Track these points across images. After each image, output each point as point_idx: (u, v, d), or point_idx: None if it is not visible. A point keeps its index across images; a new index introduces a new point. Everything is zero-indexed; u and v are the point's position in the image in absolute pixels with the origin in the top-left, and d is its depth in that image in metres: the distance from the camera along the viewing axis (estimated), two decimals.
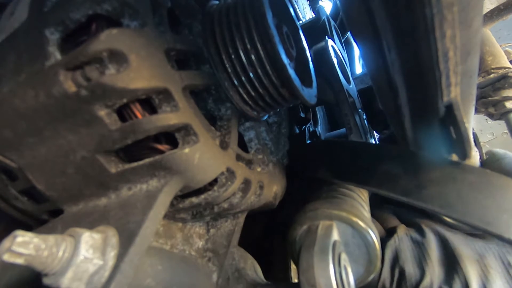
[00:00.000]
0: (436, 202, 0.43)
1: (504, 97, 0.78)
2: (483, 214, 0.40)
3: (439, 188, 0.43)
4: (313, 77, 0.53)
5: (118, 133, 0.30)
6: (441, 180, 0.44)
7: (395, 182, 0.46)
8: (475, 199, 0.41)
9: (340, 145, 0.59)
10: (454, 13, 0.24)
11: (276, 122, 0.59)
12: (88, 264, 0.25)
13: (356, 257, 0.46)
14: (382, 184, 0.48)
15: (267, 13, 0.38)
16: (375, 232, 0.45)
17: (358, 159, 0.53)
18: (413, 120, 0.43)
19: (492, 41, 0.81)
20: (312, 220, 0.45)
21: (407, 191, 0.45)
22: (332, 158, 0.57)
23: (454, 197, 0.42)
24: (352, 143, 0.57)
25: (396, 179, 0.46)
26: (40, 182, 0.36)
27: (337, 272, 0.36)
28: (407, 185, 0.45)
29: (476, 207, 0.41)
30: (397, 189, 0.46)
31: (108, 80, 0.27)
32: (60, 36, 0.29)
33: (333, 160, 0.57)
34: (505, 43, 0.88)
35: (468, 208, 0.41)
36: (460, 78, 0.31)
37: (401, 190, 0.45)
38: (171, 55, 0.33)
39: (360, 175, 0.51)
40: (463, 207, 0.41)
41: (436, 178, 0.44)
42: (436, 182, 0.44)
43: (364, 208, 0.52)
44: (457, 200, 0.42)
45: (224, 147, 0.39)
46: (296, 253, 0.47)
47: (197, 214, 0.42)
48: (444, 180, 0.44)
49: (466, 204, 0.41)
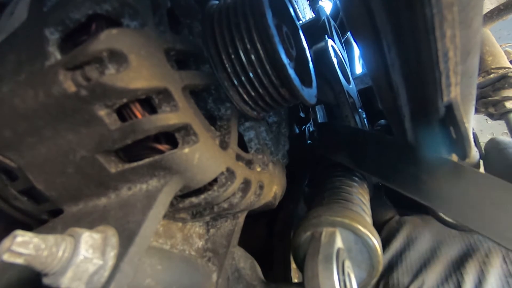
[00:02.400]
0: (458, 212, 0.45)
1: (504, 97, 0.78)
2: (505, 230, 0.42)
3: (462, 199, 0.45)
4: (313, 77, 0.53)
5: (118, 133, 0.30)
6: (465, 192, 0.45)
7: (419, 186, 0.48)
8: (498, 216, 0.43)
9: (367, 136, 0.60)
10: (454, 13, 0.24)
11: (276, 122, 0.59)
12: (88, 264, 0.25)
13: (359, 263, 0.46)
14: (406, 186, 0.50)
15: (267, 13, 0.38)
16: (376, 237, 0.46)
17: (385, 155, 0.54)
18: (413, 120, 0.43)
19: (492, 41, 0.81)
20: (316, 227, 0.46)
21: (431, 197, 0.47)
22: (356, 146, 0.59)
23: (474, 212, 0.44)
24: (379, 136, 0.58)
25: (421, 183, 0.48)
26: (40, 182, 0.36)
27: (341, 280, 0.37)
28: (431, 191, 0.47)
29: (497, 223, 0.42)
30: (421, 193, 0.48)
31: (108, 80, 0.27)
32: (60, 36, 0.29)
33: (357, 148, 0.59)
34: (505, 43, 0.88)
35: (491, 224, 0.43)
36: (460, 78, 0.31)
37: (424, 195, 0.48)
38: (171, 55, 0.33)
39: (384, 171, 0.53)
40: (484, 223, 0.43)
41: (461, 190, 0.46)
42: (460, 193, 0.45)
43: (366, 212, 0.52)
44: (478, 215, 0.44)
45: (224, 147, 0.39)
46: (300, 259, 0.48)
47: (197, 214, 0.42)
48: (469, 193, 0.45)
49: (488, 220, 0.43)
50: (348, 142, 0.61)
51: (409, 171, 0.50)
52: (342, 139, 0.63)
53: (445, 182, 0.47)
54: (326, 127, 0.72)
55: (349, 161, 0.58)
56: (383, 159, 0.54)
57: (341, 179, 0.61)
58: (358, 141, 0.60)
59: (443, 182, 0.47)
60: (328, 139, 0.66)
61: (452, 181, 0.46)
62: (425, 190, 0.48)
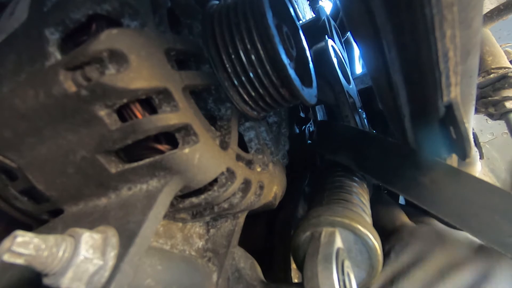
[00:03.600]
0: (459, 218, 0.45)
1: (504, 97, 0.78)
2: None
3: (464, 205, 0.45)
4: (313, 77, 0.53)
5: (118, 133, 0.30)
6: (467, 197, 0.46)
7: (421, 191, 0.48)
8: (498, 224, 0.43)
9: (370, 138, 0.60)
10: (454, 13, 0.24)
11: (276, 122, 0.59)
12: (88, 264, 0.25)
13: (359, 263, 0.46)
14: (408, 190, 0.50)
15: (267, 13, 0.38)
16: (376, 237, 0.46)
17: (388, 159, 0.54)
18: (413, 120, 0.43)
19: (492, 41, 0.81)
20: (315, 227, 0.46)
21: (432, 201, 0.47)
22: (358, 148, 0.59)
23: (473, 217, 0.44)
24: (381, 139, 0.58)
25: (423, 188, 0.48)
26: (40, 182, 0.36)
27: (341, 280, 0.37)
28: (431, 196, 0.47)
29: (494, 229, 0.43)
30: (421, 197, 0.48)
31: (108, 80, 0.27)
32: (60, 36, 0.29)
33: (359, 150, 0.58)
34: (505, 43, 0.88)
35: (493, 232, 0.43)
36: (460, 78, 0.31)
37: (425, 199, 0.48)
38: (171, 55, 0.33)
39: (386, 175, 0.53)
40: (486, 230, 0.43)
41: (462, 194, 0.46)
42: (462, 198, 0.46)
43: (365, 212, 0.52)
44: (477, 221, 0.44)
45: (224, 147, 0.39)
46: (300, 259, 0.48)
47: (197, 214, 0.42)
48: (472, 199, 0.45)
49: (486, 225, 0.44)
50: (350, 143, 0.61)
51: (411, 175, 0.50)
52: (344, 139, 0.62)
53: (446, 188, 0.47)
54: (326, 126, 0.72)
55: (350, 162, 0.58)
56: (385, 162, 0.54)
57: (341, 179, 0.61)
58: (360, 142, 0.60)
59: (444, 187, 0.47)
60: (329, 139, 0.65)
61: (453, 187, 0.47)
62: (426, 194, 0.48)
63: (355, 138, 0.61)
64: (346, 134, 0.64)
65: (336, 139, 0.64)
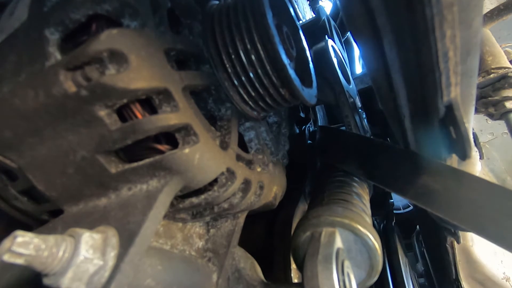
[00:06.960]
0: (472, 222, 0.45)
1: (504, 97, 0.78)
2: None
3: (481, 211, 0.45)
4: (313, 77, 0.53)
5: (118, 133, 0.30)
6: (479, 201, 0.45)
7: (433, 197, 0.48)
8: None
9: (377, 146, 0.59)
10: (454, 13, 0.24)
11: (276, 122, 0.59)
12: (88, 265, 0.25)
13: (359, 263, 0.46)
14: (421, 197, 0.49)
15: (267, 13, 0.38)
16: (376, 237, 0.46)
17: (397, 167, 0.54)
18: (413, 120, 0.43)
19: (492, 41, 0.81)
20: (315, 227, 0.46)
21: (445, 208, 0.47)
22: (367, 157, 0.58)
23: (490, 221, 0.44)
24: (389, 146, 0.57)
25: (435, 194, 0.48)
26: (40, 182, 0.36)
27: (341, 280, 0.37)
28: (446, 202, 0.47)
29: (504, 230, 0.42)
30: (434, 204, 0.47)
31: (108, 80, 0.27)
32: (60, 36, 0.29)
33: (368, 159, 0.58)
34: (505, 43, 0.88)
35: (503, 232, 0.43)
36: (460, 78, 0.31)
37: (438, 206, 0.47)
38: (171, 55, 0.33)
39: (398, 183, 0.52)
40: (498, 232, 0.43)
41: (475, 199, 0.45)
42: (478, 204, 0.45)
43: (366, 212, 0.52)
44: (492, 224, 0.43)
45: (224, 147, 0.39)
46: (300, 259, 0.48)
47: (197, 214, 0.42)
48: (483, 202, 0.45)
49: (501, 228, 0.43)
50: (357, 151, 0.60)
51: (423, 183, 0.49)
52: (350, 147, 0.62)
53: (460, 194, 0.47)
54: (329, 132, 0.71)
55: (360, 172, 0.57)
56: (395, 171, 0.54)
57: (341, 179, 0.61)
58: (367, 150, 0.59)
59: (458, 193, 0.47)
60: (334, 147, 0.65)
61: (467, 193, 0.46)
62: (440, 202, 0.47)
63: (362, 146, 0.60)
64: (352, 142, 0.63)
65: (342, 147, 0.63)
